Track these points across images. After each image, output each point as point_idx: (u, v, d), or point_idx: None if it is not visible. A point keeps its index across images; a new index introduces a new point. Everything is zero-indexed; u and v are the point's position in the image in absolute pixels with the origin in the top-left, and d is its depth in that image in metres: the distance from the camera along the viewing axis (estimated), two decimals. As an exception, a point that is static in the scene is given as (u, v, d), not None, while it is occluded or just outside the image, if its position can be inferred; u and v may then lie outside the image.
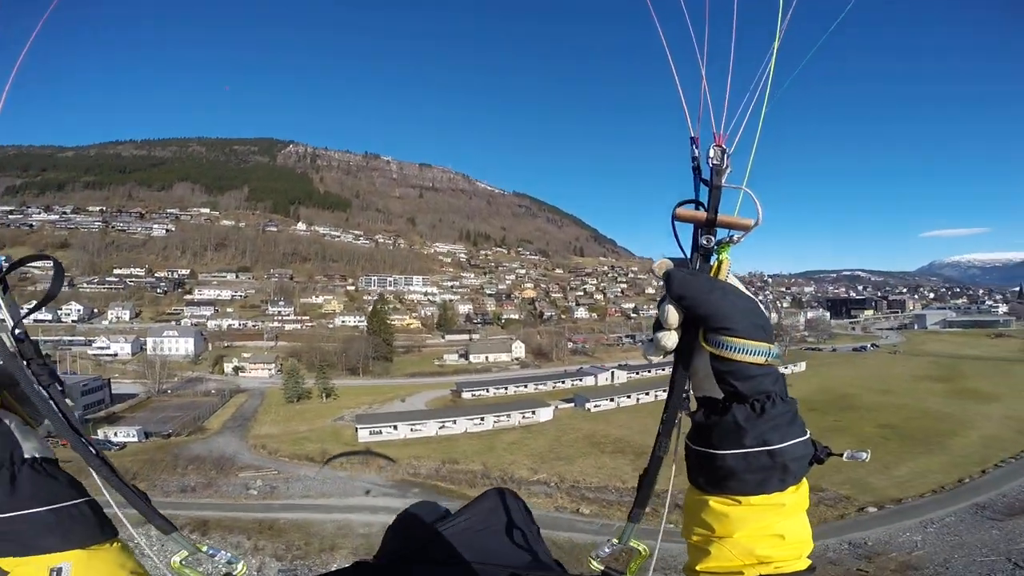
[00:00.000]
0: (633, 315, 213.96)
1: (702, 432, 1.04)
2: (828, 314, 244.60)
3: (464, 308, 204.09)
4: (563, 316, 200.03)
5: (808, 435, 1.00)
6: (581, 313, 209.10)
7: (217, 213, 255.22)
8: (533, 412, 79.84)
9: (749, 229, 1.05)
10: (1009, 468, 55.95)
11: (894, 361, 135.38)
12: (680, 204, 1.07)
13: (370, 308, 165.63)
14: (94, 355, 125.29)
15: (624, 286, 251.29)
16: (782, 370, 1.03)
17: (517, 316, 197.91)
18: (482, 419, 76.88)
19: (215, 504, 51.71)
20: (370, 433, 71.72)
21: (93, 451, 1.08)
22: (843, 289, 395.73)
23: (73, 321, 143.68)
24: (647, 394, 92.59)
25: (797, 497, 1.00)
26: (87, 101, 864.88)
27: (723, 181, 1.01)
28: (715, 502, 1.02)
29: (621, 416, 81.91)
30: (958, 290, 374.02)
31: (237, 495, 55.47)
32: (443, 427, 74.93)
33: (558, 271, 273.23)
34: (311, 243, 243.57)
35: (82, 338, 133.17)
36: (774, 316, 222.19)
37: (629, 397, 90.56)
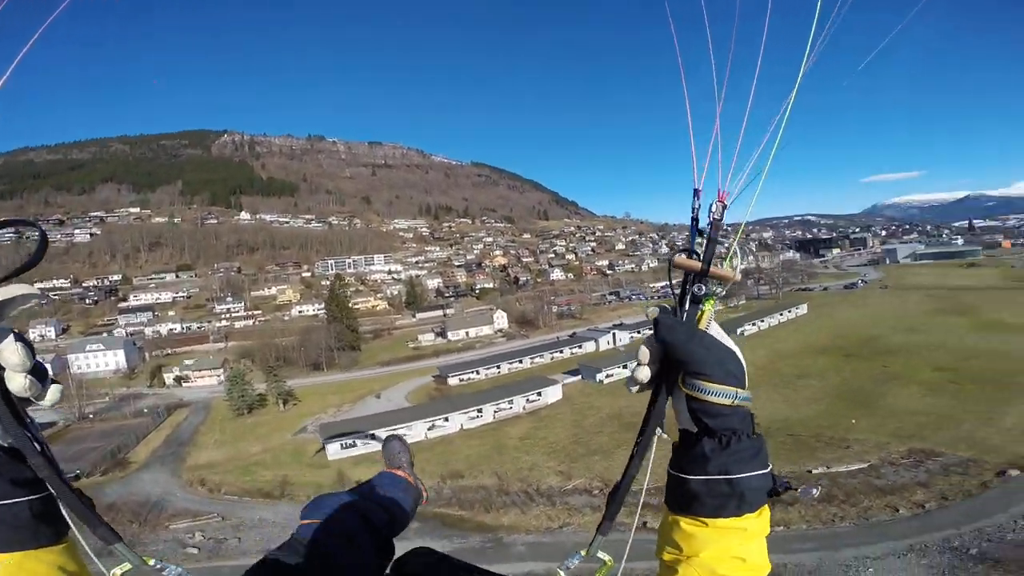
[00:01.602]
0: (609, 271, 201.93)
1: (678, 458, 1.18)
2: (798, 255, 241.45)
3: (433, 283, 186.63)
4: (539, 280, 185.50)
5: (769, 469, 1.12)
6: (557, 275, 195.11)
7: (148, 211, 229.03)
8: (539, 394, 64.96)
9: (731, 281, 1.22)
10: None
11: (892, 296, 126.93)
12: (677, 251, 1.22)
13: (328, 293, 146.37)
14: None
15: (594, 244, 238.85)
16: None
17: (492, 285, 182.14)
18: (479, 411, 61.51)
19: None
20: (342, 448, 55.38)
21: (35, 444, 0.99)
22: (799, 232, 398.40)
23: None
24: (660, 357, 79.48)
25: (758, 523, 1.12)
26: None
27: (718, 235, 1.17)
28: (684, 523, 1.14)
29: (641, 387, 68.45)
30: (907, 227, 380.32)
31: (169, 556, 38.79)
32: (433, 427, 59.29)
33: (526, 236, 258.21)
34: (257, 232, 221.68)
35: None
36: (751, 260, 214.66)
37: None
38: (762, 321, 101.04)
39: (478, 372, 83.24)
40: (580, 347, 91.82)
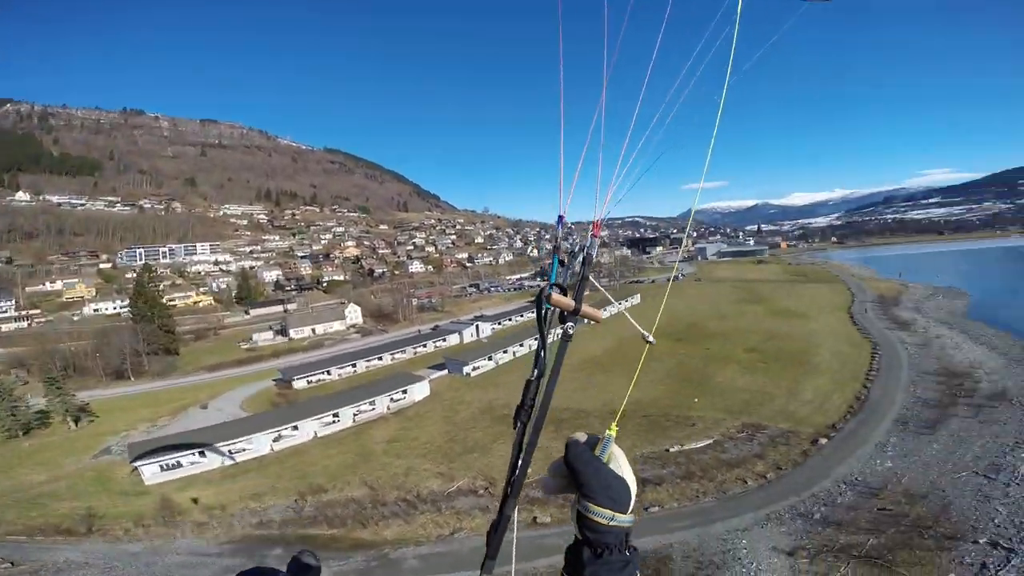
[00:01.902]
0: (469, 264, 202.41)
1: (568, 560, 1.40)
2: (629, 252, 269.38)
3: (271, 275, 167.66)
4: (396, 272, 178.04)
5: None
6: (416, 267, 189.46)
7: None
8: (404, 392, 60.94)
9: (599, 322, 1.51)
10: (881, 379, 56.24)
11: (705, 288, 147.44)
12: (550, 286, 1.37)
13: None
14: None
15: (454, 237, 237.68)
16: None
17: (342, 277, 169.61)
18: (335, 416, 55.50)
19: None
20: (163, 469, 45.50)
21: None
22: (630, 232, 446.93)
23: None
24: (522, 345, 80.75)
25: None
26: None
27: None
28: None
29: (508, 376, 68.24)
30: (713, 229, 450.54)
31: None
32: (280, 438, 51.87)
33: (382, 227, 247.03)
34: (39, 215, 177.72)
35: None
36: (589, 256, 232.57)
37: (507, 352, 77.21)
38: (605, 310, 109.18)
39: (329, 372, 75.38)
40: (444, 340, 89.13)
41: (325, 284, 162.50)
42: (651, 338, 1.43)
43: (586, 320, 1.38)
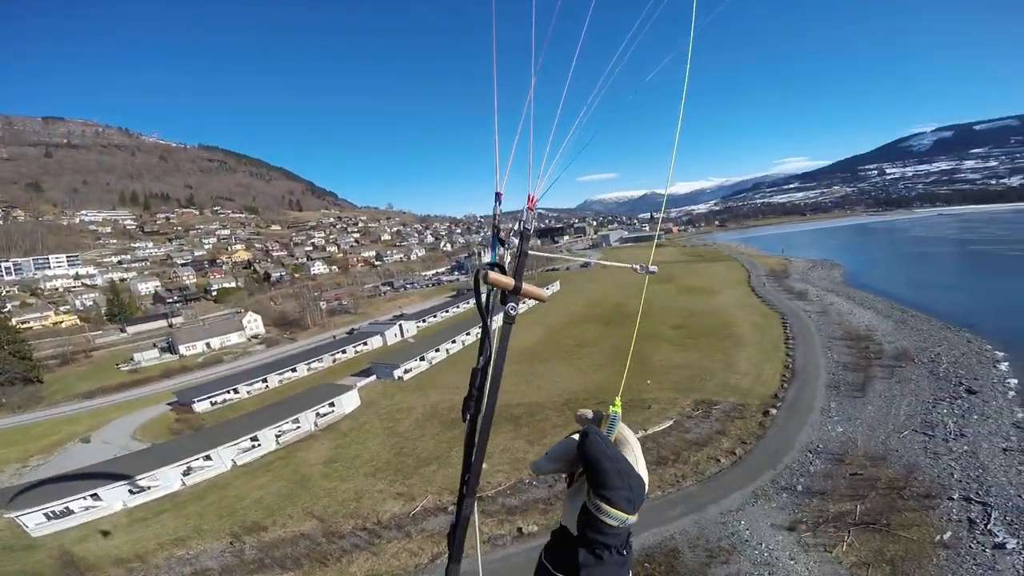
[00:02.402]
0: (378, 262, 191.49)
1: (552, 550, 1.30)
2: (539, 241, 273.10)
3: (148, 286, 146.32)
4: (297, 275, 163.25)
5: None
6: (319, 268, 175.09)
7: None
8: (331, 404, 54.24)
9: (544, 300, 1.45)
10: (799, 347, 59.59)
11: (614, 272, 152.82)
12: (488, 266, 1.29)
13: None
14: None
15: (357, 235, 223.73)
16: None
17: (234, 284, 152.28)
18: (255, 440, 47.85)
19: None
20: (50, 517, 36.14)
21: None
22: (536, 223, 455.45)
23: None
24: (454, 342, 76.57)
25: None
26: None
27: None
28: None
29: (446, 375, 63.91)
30: (610, 218, 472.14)
31: None
32: (190, 472, 43.66)
33: (275, 228, 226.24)
34: None
35: None
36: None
37: (439, 351, 72.59)
38: (528, 300, 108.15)
39: (236, 391, 65.46)
40: (365, 344, 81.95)
41: (215, 293, 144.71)
42: (653, 268, 1.35)
43: (526, 301, 1.25)
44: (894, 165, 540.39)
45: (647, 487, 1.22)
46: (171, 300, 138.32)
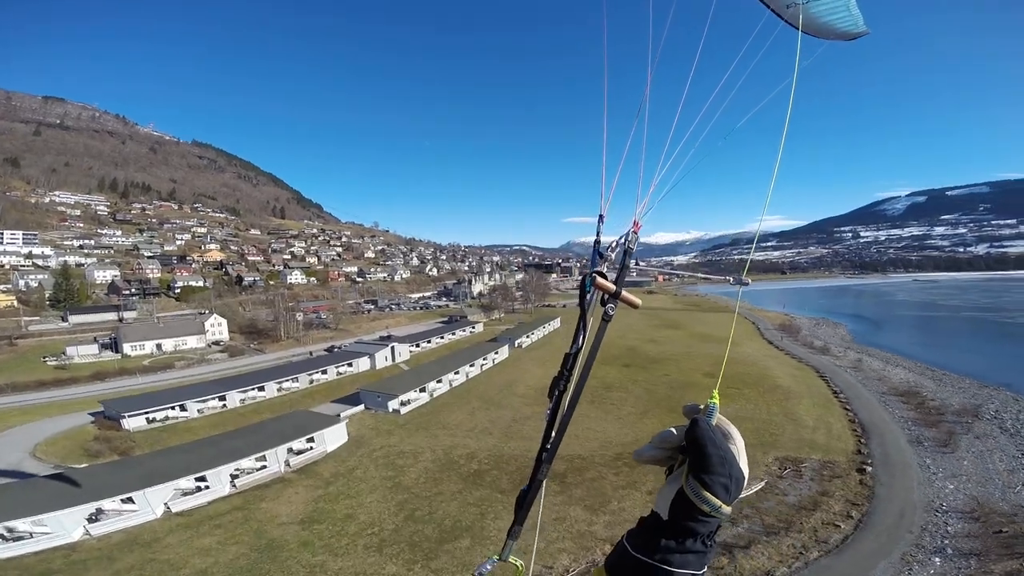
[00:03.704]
0: (359, 279, 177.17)
1: (635, 535, 1.31)
2: (527, 277, 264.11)
3: (105, 275, 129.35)
4: (272, 282, 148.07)
5: (703, 572, 1.23)
6: (296, 277, 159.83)
7: None
8: (310, 440, 41.29)
9: (637, 307, 1.59)
10: (854, 401, 55.26)
11: (617, 313, 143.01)
12: (592, 271, 1.44)
13: None
14: None
15: (340, 250, 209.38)
16: None
17: (201, 283, 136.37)
18: (201, 480, 34.67)
19: None
20: None
21: None
22: (519, 259, 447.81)
23: None
24: (456, 373, 64.25)
25: None
26: None
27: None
28: None
29: (452, 413, 51.45)
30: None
31: None
32: (100, 517, 30.17)
33: (254, 232, 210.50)
34: None
35: None
36: (497, 278, 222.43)
37: (440, 382, 60.15)
38: (532, 334, 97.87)
39: (184, 408, 50.97)
40: (350, 365, 68.29)
41: (178, 291, 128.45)
42: (747, 280, 1.47)
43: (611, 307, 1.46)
44: (868, 228, 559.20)
45: (745, 482, 1.23)
46: (127, 292, 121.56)
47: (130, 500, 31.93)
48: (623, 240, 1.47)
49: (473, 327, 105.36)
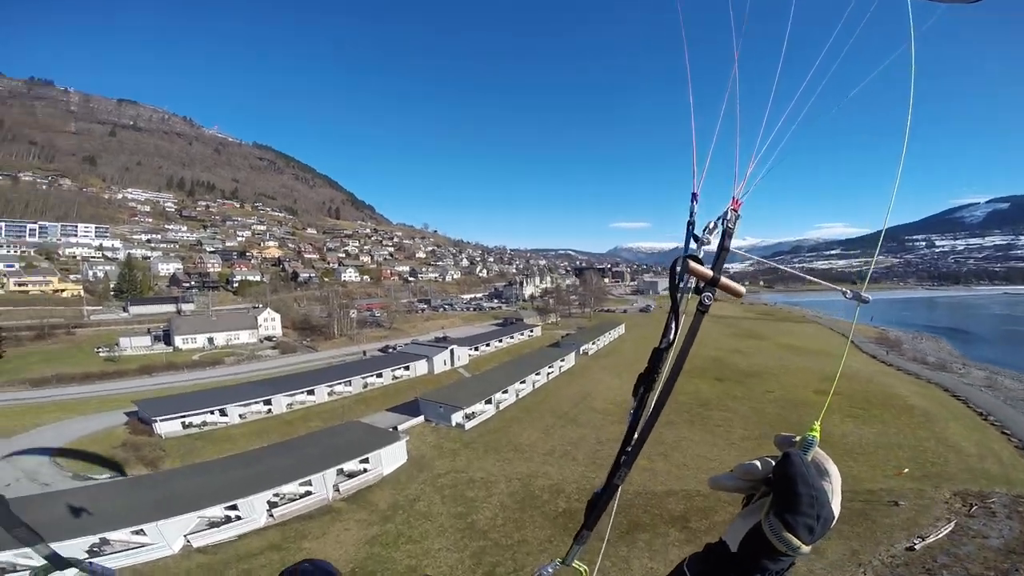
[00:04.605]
0: (411, 279, 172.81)
1: (698, 561, 1.19)
2: (577, 280, 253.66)
3: (168, 267, 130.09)
4: (326, 279, 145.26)
5: None
6: (350, 275, 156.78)
7: None
8: (364, 461, 33.82)
9: (740, 296, 1.34)
10: (1012, 425, 46.29)
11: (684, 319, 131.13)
12: (685, 256, 1.28)
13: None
14: None
15: (391, 249, 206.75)
16: None
17: (258, 278, 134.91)
18: (233, 510, 27.65)
19: None
20: None
21: None
22: (565, 263, 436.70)
23: None
24: (523, 383, 55.70)
25: None
26: None
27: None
28: None
29: (524, 430, 42.91)
30: (645, 267, 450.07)
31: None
32: (103, 551, 23.44)
33: (310, 231, 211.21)
34: None
35: None
36: (548, 280, 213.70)
37: (506, 392, 51.81)
38: (598, 340, 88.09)
39: (224, 412, 44.45)
40: (407, 368, 60.88)
41: (236, 284, 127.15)
42: (867, 295, 1.20)
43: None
44: (943, 237, 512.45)
45: (834, 523, 1.06)
46: (187, 284, 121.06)
47: (140, 531, 25.17)
48: (722, 220, 1.25)
49: (531, 331, 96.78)
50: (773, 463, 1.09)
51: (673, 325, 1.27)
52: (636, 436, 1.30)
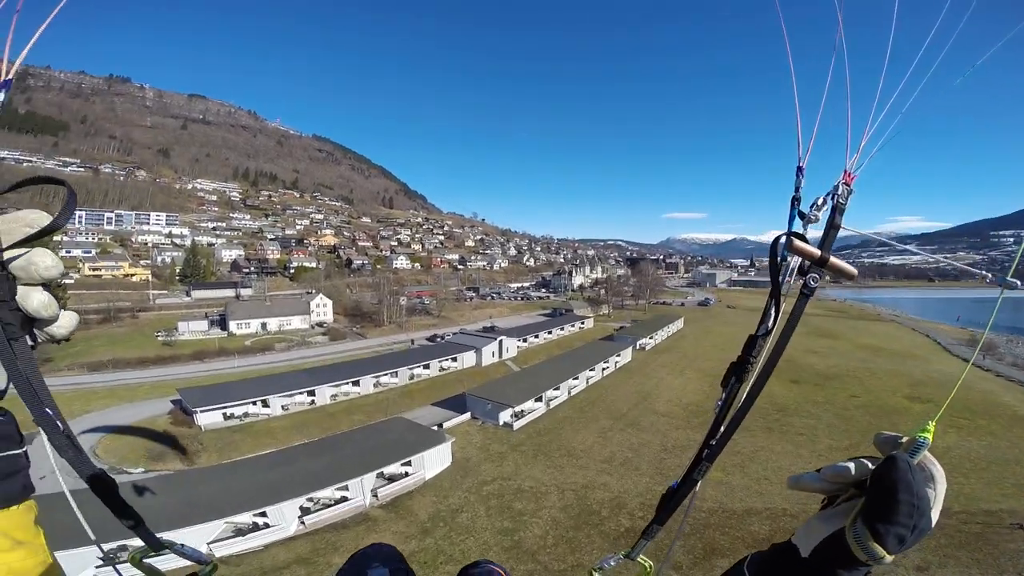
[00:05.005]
0: (460, 267, 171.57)
1: (759, 563, 1.08)
2: (629, 271, 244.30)
3: (230, 254, 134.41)
4: (379, 266, 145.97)
5: None
6: (401, 262, 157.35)
7: None
8: (407, 464, 30.89)
9: (853, 278, 1.14)
10: None
11: (746, 316, 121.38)
12: (789, 233, 1.11)
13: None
14: None
15: (442, 238, 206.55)
16: None
17: (314, 265, 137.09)
18: (262, 516, 25.27)
19: None
20: None
21: (54, 419, 0.93)
22: (614, 253, 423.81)
23: None
24: (576, 379, 51.43)
25: None
26: None
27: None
28: None
29: (577, 432, 38.78)
30: (700, 259, 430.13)
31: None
32: (117, 558, 21.45)
33: (365, 220, 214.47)
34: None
35: None
36: (599, 270, 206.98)
37: (558, 389, 47.82)
38: (655, 335, 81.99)
39: (267, 404, 42.85)
40: (455, 359, 58.21)
41: (292, 271, 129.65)
42: (1016, 281, 1.01)
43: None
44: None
45: (929, 531, 0.90)
46: (247, 270, 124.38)
47: (179, 544, 22.98)
48: (832, 195, 1.07)
49: (582, 322, 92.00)
50: (869, 465, 0.94)
51: (772, 310, 1.13)
52: (723, 430, 1.20)
